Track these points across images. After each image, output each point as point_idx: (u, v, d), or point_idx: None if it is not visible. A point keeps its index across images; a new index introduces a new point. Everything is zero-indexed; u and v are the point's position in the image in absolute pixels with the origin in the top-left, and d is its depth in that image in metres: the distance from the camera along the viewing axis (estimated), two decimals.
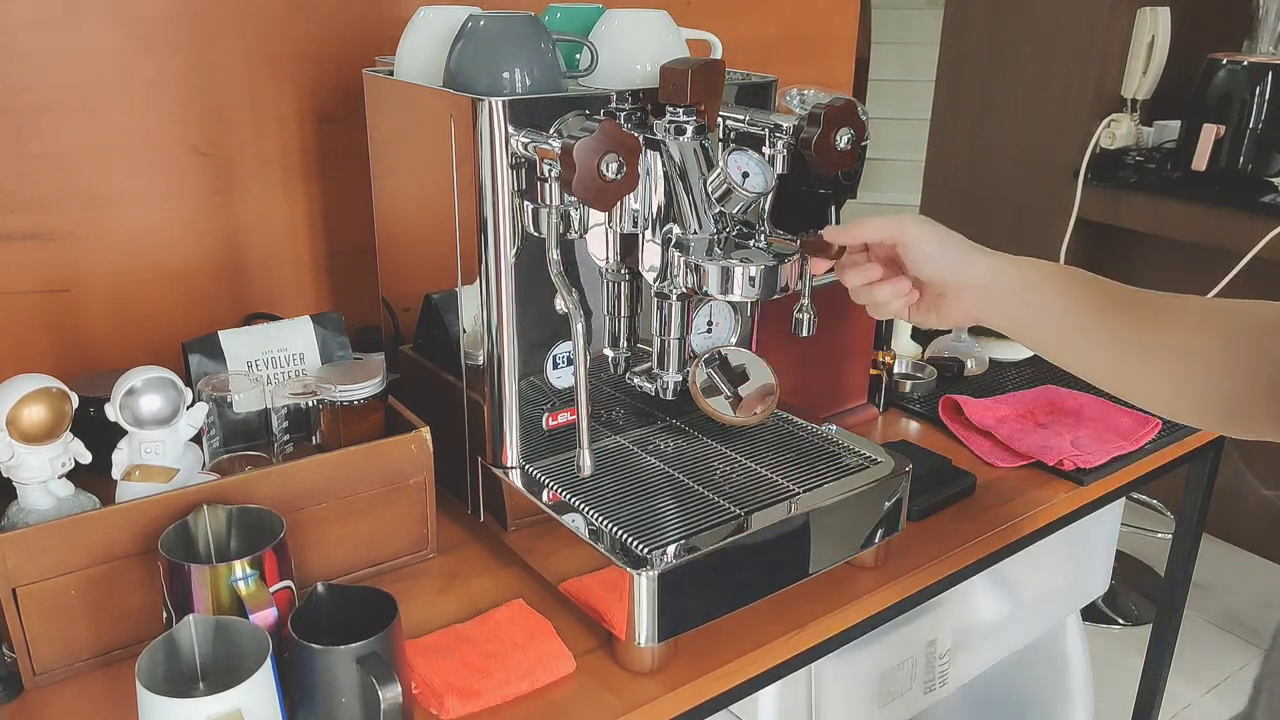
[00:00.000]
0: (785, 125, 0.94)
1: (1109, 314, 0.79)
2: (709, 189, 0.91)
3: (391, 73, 1.09)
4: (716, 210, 0.91)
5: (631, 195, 0.91)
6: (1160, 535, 2.66)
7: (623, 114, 0.96)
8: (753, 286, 0.88)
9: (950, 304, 0.86)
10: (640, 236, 0.94)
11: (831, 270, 0.92)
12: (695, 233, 0.91)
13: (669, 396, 1.02)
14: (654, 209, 0.93)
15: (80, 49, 1.09)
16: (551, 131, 0.91)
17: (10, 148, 1.08)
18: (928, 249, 0.85)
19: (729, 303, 1.10)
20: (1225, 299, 0.76)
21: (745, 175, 0.90)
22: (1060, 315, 0.81)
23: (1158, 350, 0.76)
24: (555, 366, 1.03)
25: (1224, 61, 2.31)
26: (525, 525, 1.00)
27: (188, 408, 0.94)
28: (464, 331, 1.03)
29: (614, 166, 0.82)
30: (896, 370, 1.44)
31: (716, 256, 0.89)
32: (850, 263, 0.89)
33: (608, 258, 0.98)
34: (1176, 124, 2.48)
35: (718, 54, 1.24)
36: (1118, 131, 2.50)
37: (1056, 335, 0.82)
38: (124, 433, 0.93)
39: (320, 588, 0.81)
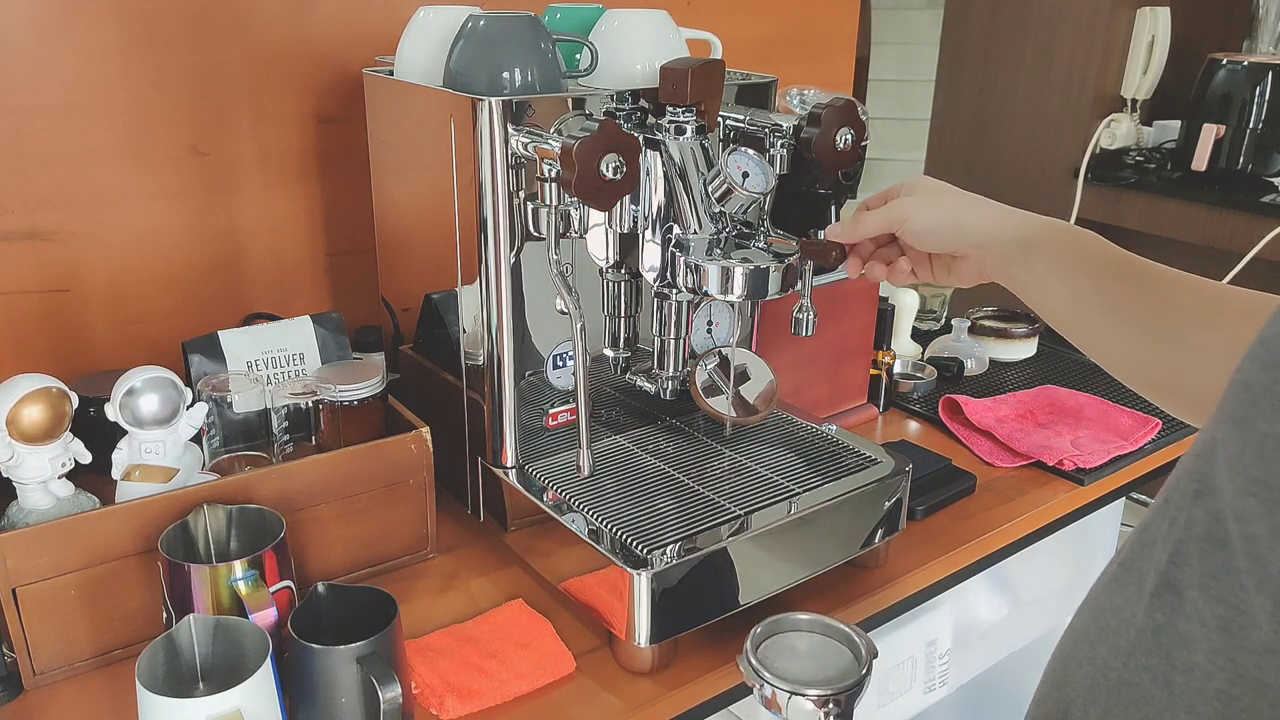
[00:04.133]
0: (785, 125, 0.94)
1: (1111, 287, 0.74)
2: (709, 189, 0.91)
3: (391, 73, 1.09)
4: (716, 210, 0.91)
5: (630, 195, 0.91)
6: None
7: (623, 114, 0.96)
8: (752, 286, 0.88)
9: (960, 265, 0.86)
10: (640, 236, 0.94)
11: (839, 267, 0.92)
12: (695, 233, 0.91)
13: (669, 396, 1.02)
14: (654, 209, 0.93)
15: (80, 49, 1.09)
16: (551, 131, 0.91)
17: (10, 148, 1.08)
18: (921, 225, 0.84)
19: (729, 303, 1.10)
20: (1233, 287, 0.71)
21: (745, 175, 0.90)
22: (1059, 281, 0.77)
23: (1153, 334, 0.72)
24: (555, 366, 1.03)
25: (1224, 61, 2.31)
26: (525, 525, 1.00)
27: (188, 408, 0.94)
28: (464, 331, 1.03)
29: (614, 166, 0.82)
30: (896, 370, 1.44)
31: (716, 256, 0.89)
32: (857, 260, 0.91)
33: (608, 258, 0.98)
34: (1176, 124, 2.48)
35: (718, 54, 1.24)
36: (1118, 131, 2.49)
37: (1055, 301, 0.78)
38: (124, 433, 0.93)
39: (320, 588, 0.81)
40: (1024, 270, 0.79)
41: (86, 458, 0.94)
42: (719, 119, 0.99)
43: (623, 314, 1.02)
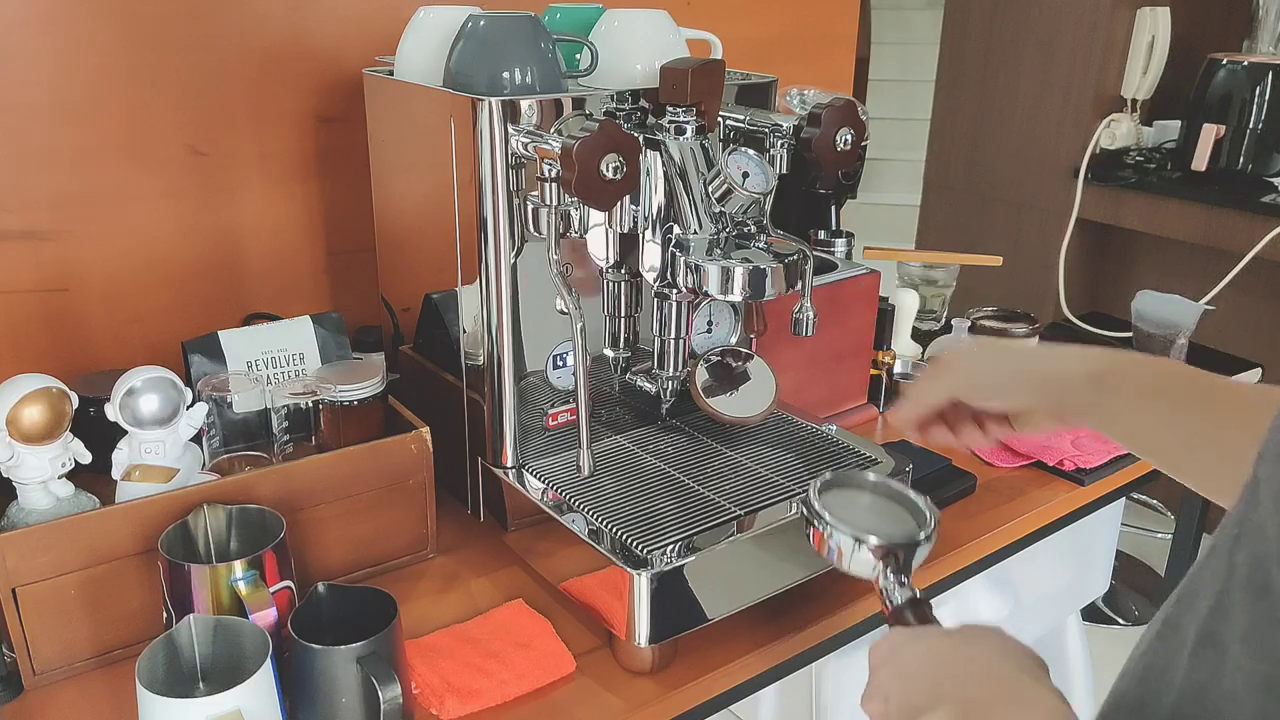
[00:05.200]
0: (785, 125, 0.94)
1: (1181, 415, 0.73)
2: (709, 189, 0.91)
3: (391, 72, 1.09)
4: (716, 210, 0.91)
5: (630, 195, 0.91)
6: (1160, 535, 2.65)
7: (623, 114, 0.96)
8: (752, 287, 0.88)
9: (1032, 416, 0.82)
10: (640, 236, 0.94)
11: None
12: (695, 233, 0.91)
13: (669, 396, 1.02)
14: (654, 209, 0.93)
15: (79, 49, 1.09)
16: (551, 131, 0.91)
17: (9, 147, 1.08)
18: (981, 384, 0.82)
19: (729, 303, 1.10)
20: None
21: (745, 175, 0.90)
22: (1123, 429, 0.76)
23: (1228, 446, 0.69)
24: (555, 366, 1.03)
25: (1224, 61, 2.31)
26: (525, 525, 1.00)
27: (188, 408, 0.94)
28: (464, 331, 1.03)
29: (614, 166, 0.82)
30: (896, 370, 1.44)
31: (716, 256, 0.89)
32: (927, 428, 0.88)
33: (608, 258, 0.98)
34: (1176, 124, 2.47)
35: (718, 54, 1.24)
36: (1118, 131, 2.49)
37: (1137, 429, 0.76)
38: (124, 433, 0.93)
39: (320, 588, 0.81)
40: (1094, 406, 0.76)
41: (86, 458, 0.94)
42: (719, 119, 0.99)
43: (623, 314, 1.02)
